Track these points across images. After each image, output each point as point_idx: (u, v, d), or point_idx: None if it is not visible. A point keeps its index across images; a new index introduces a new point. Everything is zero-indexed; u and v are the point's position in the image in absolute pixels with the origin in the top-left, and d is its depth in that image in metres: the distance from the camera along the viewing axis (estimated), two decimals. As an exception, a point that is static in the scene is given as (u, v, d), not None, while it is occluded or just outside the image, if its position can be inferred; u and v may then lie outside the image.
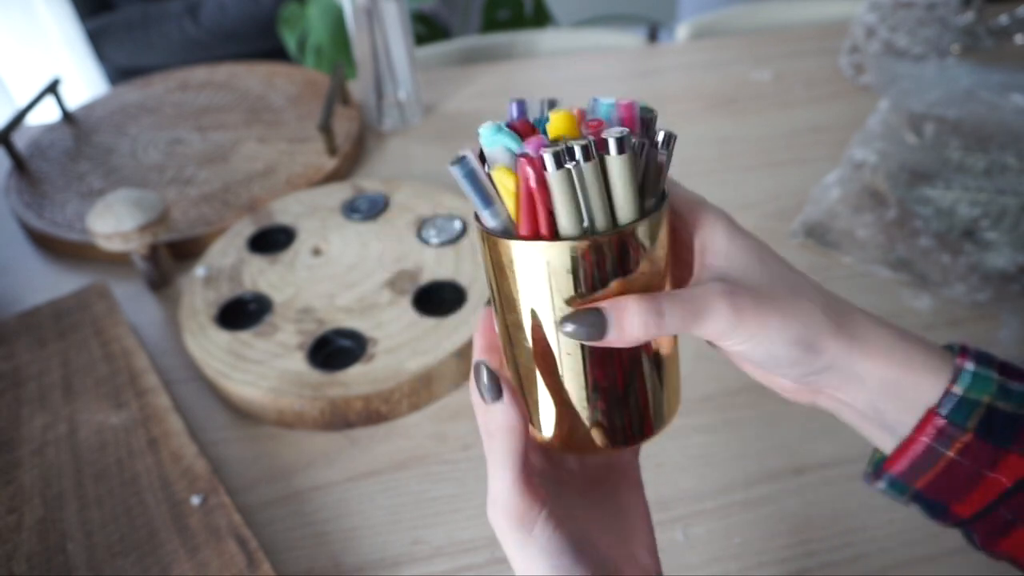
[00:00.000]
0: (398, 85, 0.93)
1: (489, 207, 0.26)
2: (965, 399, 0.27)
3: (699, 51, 1.12)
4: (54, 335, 0.64)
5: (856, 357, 0.28)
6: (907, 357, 0.28)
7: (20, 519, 0.50)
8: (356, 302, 0.63)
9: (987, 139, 0.69)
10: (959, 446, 0.27)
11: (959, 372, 0.27)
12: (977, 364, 0.27)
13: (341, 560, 0.49)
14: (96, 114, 0.97)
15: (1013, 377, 0.27)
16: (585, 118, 0.27)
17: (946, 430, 0.27)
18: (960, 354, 0.28)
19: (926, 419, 0.27)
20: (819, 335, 0.27)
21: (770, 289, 0.28)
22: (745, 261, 0.28)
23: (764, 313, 0.27)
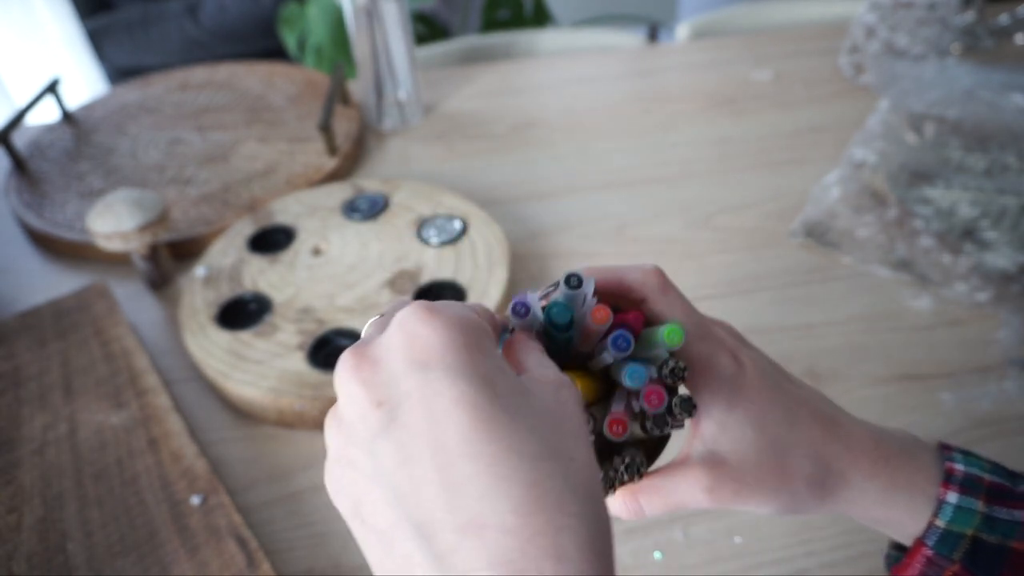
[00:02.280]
0: (398, 85, 0.93)
1: None
2: (949, 532, 0.28)
3: (699, 51, 1.12)
4: (54, 335, 0.64)
5: (843, 511, 0.30)
6: (891, 505, 0.29)
7: (20, 519, 0.50)
8: (356, 302, 0.63)
9: (987, 139, 0.69)
10: (949, 574, 0.28)
11: (941, 505, 0.28)
12: (962, 492, 0.28)
13: (341, 560, 0.49)
14: (96, 114, 0.97)
15: (1000, 502, 0.28)
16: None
17: (934, 560, 0.28)
18: (944, 482, 0.28)
19: (916, 548, 0.28)
20: (801, 505, 0.29)
21: (757, 466, 0.28)
22: (739, 434, 0.28)
23: (745, 498, 0.28)
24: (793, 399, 0.29)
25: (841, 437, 0.29)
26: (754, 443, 0.28)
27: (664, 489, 0.29)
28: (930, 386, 0.58)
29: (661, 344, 0.26)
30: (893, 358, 0.60)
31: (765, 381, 0.29)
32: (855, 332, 0.63)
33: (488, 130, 0.94)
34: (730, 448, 0.28)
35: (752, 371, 0.29)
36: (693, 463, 0.29)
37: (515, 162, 0.88)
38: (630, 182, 0.83)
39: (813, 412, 0.29)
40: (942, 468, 0.29)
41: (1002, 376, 0.58)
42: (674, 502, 0.29)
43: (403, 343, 0.22)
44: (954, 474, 0.28)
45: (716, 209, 0.77)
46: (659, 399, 0.26)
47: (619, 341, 0.26)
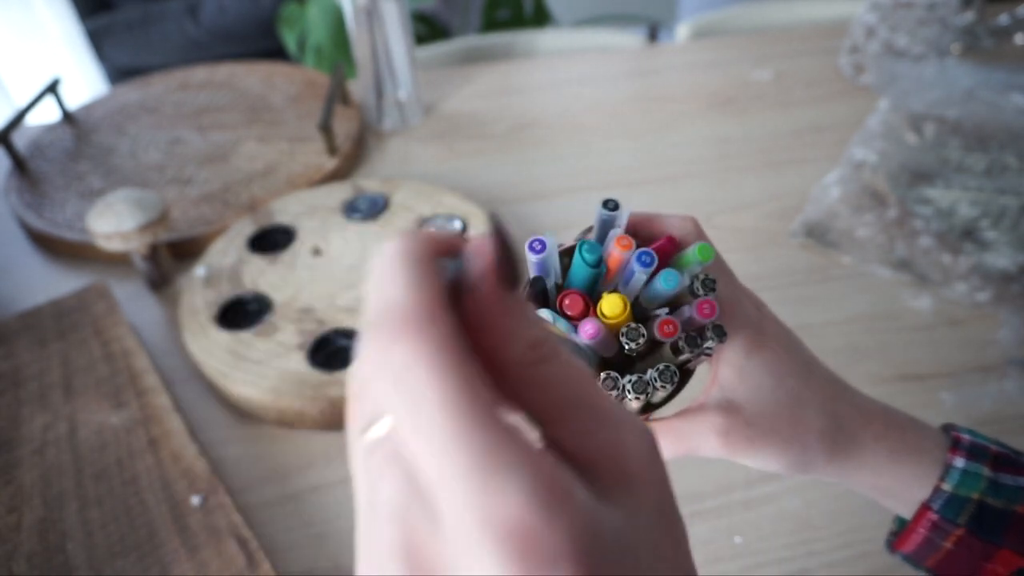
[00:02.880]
0: (398, 85, 0.93)
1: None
2: (955, 496, 0.28)
3: (699, 51, 1.12)
4: (54, 335, 0.64)
5: (846, 476, 0.30)
6: (898, 468, 0.29)
7: (20, 519, 0.50)
8: (356, 302, 0.63)
9: (987, 139, 0.69)
10: (954, 539, 0.28)
11: (948, 468, 0.28)
12: (968, 458, 0.28)
13: (341, 560, 0.49)
14: (96, 114, 0.97)
15: (1006, 468, 0.28)
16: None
17: (939, 524, 0.28)
18: (952, 448, 0.29)
19: (921, 513, 0.29)
20: (811, 462, 0.29)
21: (772, 417, 0.29)
22: (757, 382, 0.29)
23: (757, 447, 0.29)
24: (809, 359, 0.30)
25: (853, 400, 0.30)
26: (771, 392, 0.28)
27: (680, 431, 0.29)
28: (930, 386, 0.58)
29: (693, 262, 0.27)
30: (893, 358, 0.60)
31: (784, 336, 0.30)
32: (855, 332, 0.63)
33: (488, 130, 0.94)
34: (747, 396, 0.28)
35: (773, 324, 0.30)
36: (709, 408, 0.29)
37: (515, 162, 0.88)
38: (630, 182, 0.83)
39: (826, 374, 0.30)
40: (949, 438, 0.30)
41: (1002, 376, 0.58)
42: (688, 446, 0.29)
43: None
44: (961, 441, 0.29)
45: (716, 209, 0.77)
46: (711, 310, 0.26)
47: (643, 257, 0.26)
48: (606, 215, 0.27)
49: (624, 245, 0.27)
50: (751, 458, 0.29)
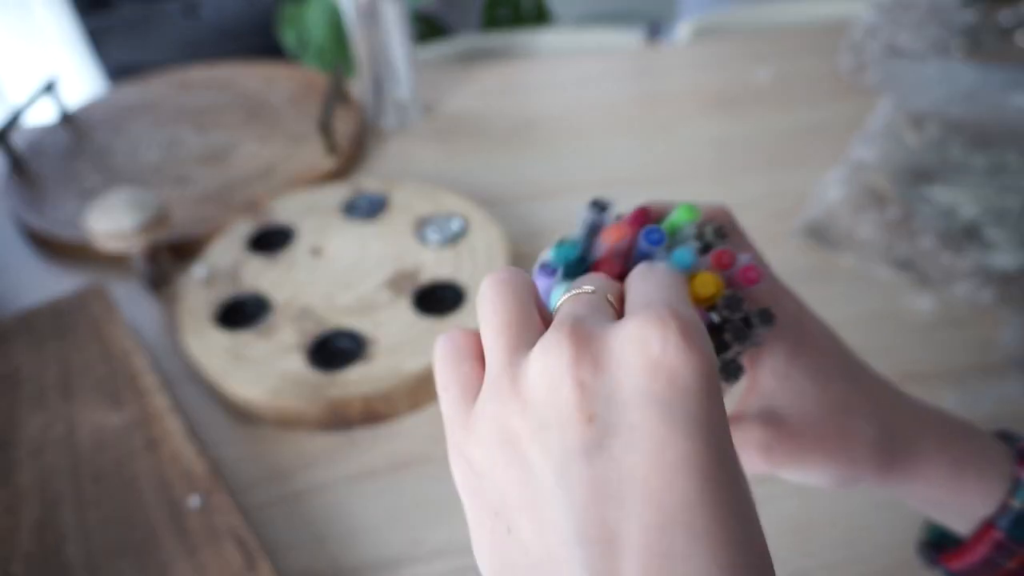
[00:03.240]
0: (398, 85, 0.92)
1: None
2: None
3: (699, 51, 1.12)
4: (52, 335, 0.64)
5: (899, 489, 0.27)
6: (959, 483, 0.27)
7: (18, 520, 0.50)
8: (356, 302, 0.63)
9: (989, 138, 0.69)
10: (1020, 560, 0.26)
11: (1018, 484, 0.26)
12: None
13: (341, 560, 0.49)
14: (95, 114, 0.97)
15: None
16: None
17: (1005, 543, 0.26)
18: (1020, 460, 0.26)
19: (984, 531, 0.26)
20: (861, 475, 0.27)
21: (818, 426, 0.26)
22: (800, 388, 0.26)
23: (803, 462, 0.26)
24: (855, 361, 0.27)
25: (908, 404, 0.27)
26: (816, 399, 0.26)
27: None
28: (931, 386, 0.58)
29: (684, 224, 0.25)
30: (894, 358, 0.60)
31: (827, 337, 0.27)
32: (855, 332, 0.62)
33: (488, 130, 0.93)
34: (790, 404, 0.26)
35: (814, 324, 0.27)
36: (748, 420, 0.26)
37: (515, 162, 0.87)
38: (630, 182, 0.83)
39: (875, 377, 0.27)
40: (1012, 447, 0.27)
41: (1004, 376, 0.58)
42: None
43: (644, 366, 0.18)
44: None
45: (716, 209, 0.77)
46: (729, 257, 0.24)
47: (651, 234, 0.24)
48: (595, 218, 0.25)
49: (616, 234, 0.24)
50: (795, 473, 0.27)
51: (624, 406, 0.18)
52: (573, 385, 0.18)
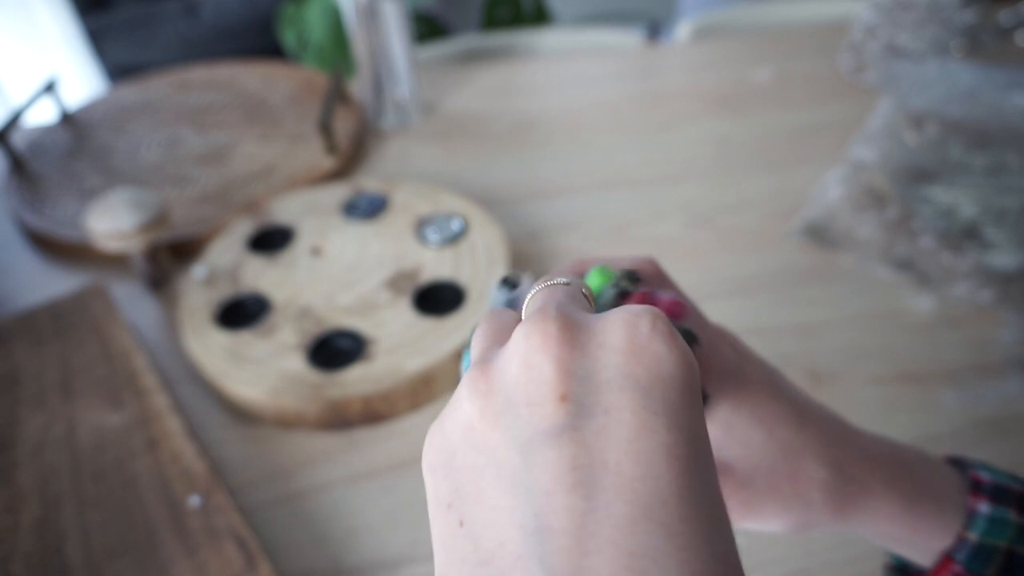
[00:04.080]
0: (398, 85, 0.92)
1: None
2: (982, 545, 0.25)
3: (699, 51, 1.12)
4: (52, 335, 0.64)
5: (857, 528, 0.27)
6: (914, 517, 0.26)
7: (17, 520, 0.50)
8: (356, 302, 0.63)
9: (989, 138, 0.69)
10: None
11: (973, 516, 0.26)
12: (993, 503, 0.26)
13: (341, 560, 0.49)
14: (95, 114, 0.97)
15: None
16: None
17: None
18: (973, 491, 0.26)
19: (943, 564, 0.26)
20: (816, 518, 0.26)
21: (768, 473, 0.26)
22: (746, 437, 0.26)
23: (756, 511, 0.26)
24: (800, 400, 0.27)
25: (854, 441, 0.27)
26: (763, 447, 0.26)
27: None
28: (931, 386, 0.58)
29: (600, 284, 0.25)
30: (893, 358, 0.60)
31: (768, 381, 0.27)
32: (855, 332, 0.63)
33: (488, 130, 0.94)
34: (737, 454, 0.26)
35: (754, 367, 0.27)
36: None
37: (515, 162, 0.87)
38: (630, 182, 0.83)
39: (821, 416, 0.27)
40: (965, 477, 0.27)
41: (1004, 376, 0.58)
42: None
43: (628, 349, 0.18)
44: (982, 483, 0.26)
45: (716, 209, 0.77)
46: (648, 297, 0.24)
47: None
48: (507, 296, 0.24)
49: None
50: (749, 522, 0.27)
51: (601, 387, 0.17)
52: (549, 360, 0.17)
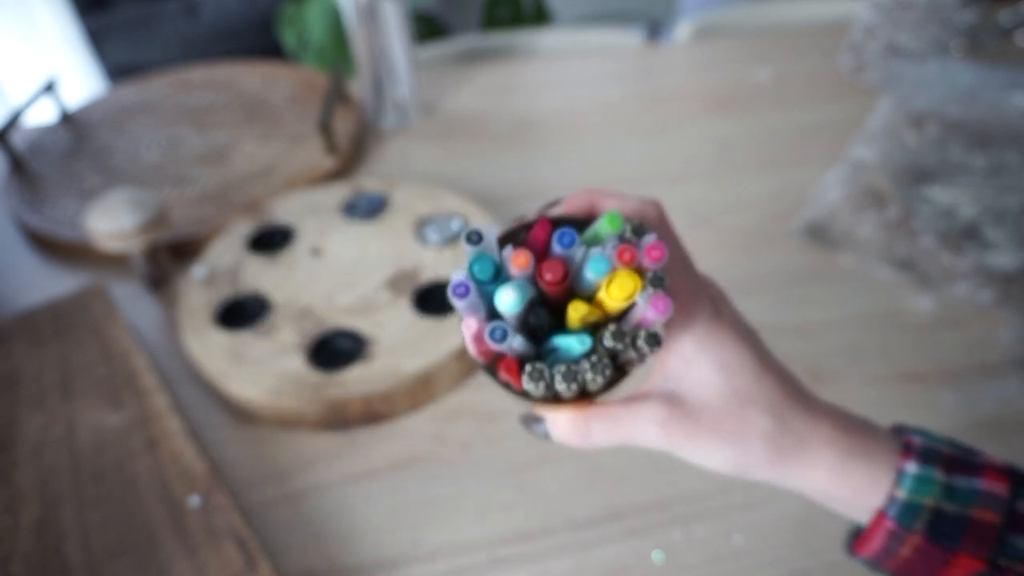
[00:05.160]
0: (398, 85, 0.92)
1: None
2: (909, 502, 0.27)
3: (699, 51, 1.12)
4: (52, 335, 0.64)
5: (792, 481, 0.29)
6: (848, 475, 0.28)
7: (17, 520, 0.50)
8: (356, 302, 0.63)
9: (989, 138, 0.69)
10: (911, 545, 0.28)
11: (901, 474, 0.28)
12: (921, 463, 0.28)
13: (341, 560, 0.49)
14: (95, 114, 0.97)
15: (960, 470, 0.28)
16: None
17: (895, 531, 0.28)
18: (903, 452, 0.28)
19: (877, 520, 0.28)
20: (753, 464, 0.28)
21: (716, 412, 0.28)
22: (704, 377, 0.28)
23: (696, 442, 0.28)
24: (763, 357, 0.29)
25: (803, 402, 0.29)
26: (717, 389, 0.28)
27: (617, 417, 0.28)
28: (931, 386, 0.58)
29: (605, 235, 0.25)
30: (893, 358, 0.60)
31: (739, 331, 0.29)
32: (855, 332, 0.63)
33: (488, 130, 0.93)
34: (692, 390, 0.28)
35: (729, 318, 0.29)
36: (652, 397, 0.28)
37: (515, 162, 0.87)
38: (630, 182, 0.83)
39: (779, 372, 0.29)
40: (900, 441, 0.29)
41: (1004, 376, 0.58)
42: (624, 433, 0.28)
43: None
44: (912, 445, 0.28)
45: (716, 209, 0.77)
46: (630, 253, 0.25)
47: (563, 238, 0.25)
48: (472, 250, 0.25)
49: (520, 263, 0.25)
50: (690, 452, 0.28)
51: None
52: None
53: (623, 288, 0.25)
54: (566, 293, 0.27)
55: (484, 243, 0.25)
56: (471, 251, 0.25)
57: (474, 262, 0.25)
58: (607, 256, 0.25)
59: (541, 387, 0.26)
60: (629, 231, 0.25)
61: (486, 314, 0.26)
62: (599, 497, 0.52)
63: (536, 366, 0.26)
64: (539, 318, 0.27)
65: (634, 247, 0.25)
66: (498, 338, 0.25)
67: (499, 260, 0.26)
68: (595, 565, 0.48)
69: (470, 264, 0.25)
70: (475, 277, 0.25)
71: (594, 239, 0.26)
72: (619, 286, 0.25)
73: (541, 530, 0.50)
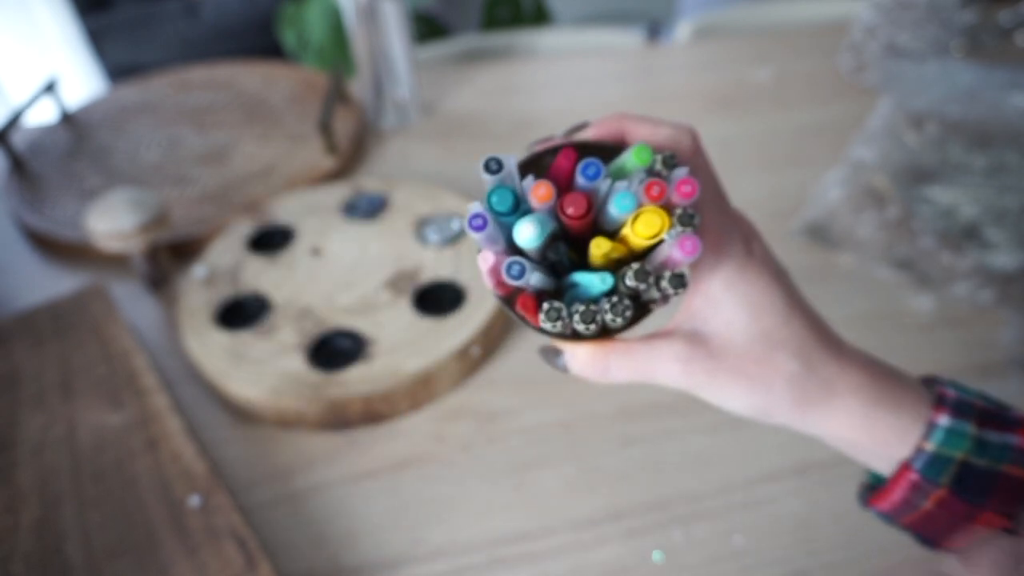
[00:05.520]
0: (398, 84, 0.92)
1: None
2: (938, 455, 0.26)
3: (699, 51, 1.12)
4: (52, 335, 0.64)
5: (814, 426, 0.28)
6: (873, 423, 0.27)
7: (17, 520, 0.50)
8: (356, 302, 0.63)
9: (988, 138, 0.69)
10: (935, 499, 0.27)
11: (932, 427, 0.27)
12: (954, 416, 0.27)
13: (341, 560, 0.49)
14: (95, 114, 0.97)
15: (992, 425, 0.27)
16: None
17: (920, 484, 0.27)
18: (936, 405, 0.27)
19: (901, 472, 0.27)
20: (775, 407, 0.27)
21: (741, 353, 0.27)
22: (730, 316, 0.27)
23: (719, 382, 0.27)
24: (793, 299, 0.28)
25: (833, 345, 0.28)
26: (744, 330, 0.27)
27: (638, 353, 0.27)
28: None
29: (633, 169, 0.24)
30: (893, 358, 0.60)
31: (770, 271, 0.27)
32: (855, 332, 0.62)
33: (488, 130, 0.94)
34: (718, 330, 0.27)
35: (760, 257, 0.28)
36: (675, 335, 0.27)
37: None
38: (630, 182, 0.83)
39: (809, 315, 0.28)
40: (932, 392, 0.28)
41: (1003, 376, 0.58)
42: (644, 370, 0.27)
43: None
44: (946, 397, 0.27)
45: (716, 209, 0.77)
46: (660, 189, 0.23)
47: (588, 169, 0.24)
48: (491, 179, 0.24)
49: (542, 195, 0.23)
50: (711, 393, 0.27)
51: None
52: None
53: (650, 226, 0.23)
54: (590, 227, 0.25)
55: (504, 172, 0.24)
56: (490, 181, 0.24)
57: (492, 192, 0.24)
58: (634, 192, 0.24)
59: (559, 326, 0.25)
60: (659, 164, 0.24)
61: (505, 245, 0.25)
62: (599, 497, 0.52)
63: (554, 305, 0.24)
64: (559, 253, 0.26)
65: (664, 182, 0.23)
66: (515, 275, 0.24)
67: (519, 191, 0.24)
68: (595, 565, 0.48)
69: (488, 195, 0.24)
70: (493, 208, 0.24)
71: (621, 171, 0.25)
72: (646, 224, 0.23)
73: (541, 530, 0.50)
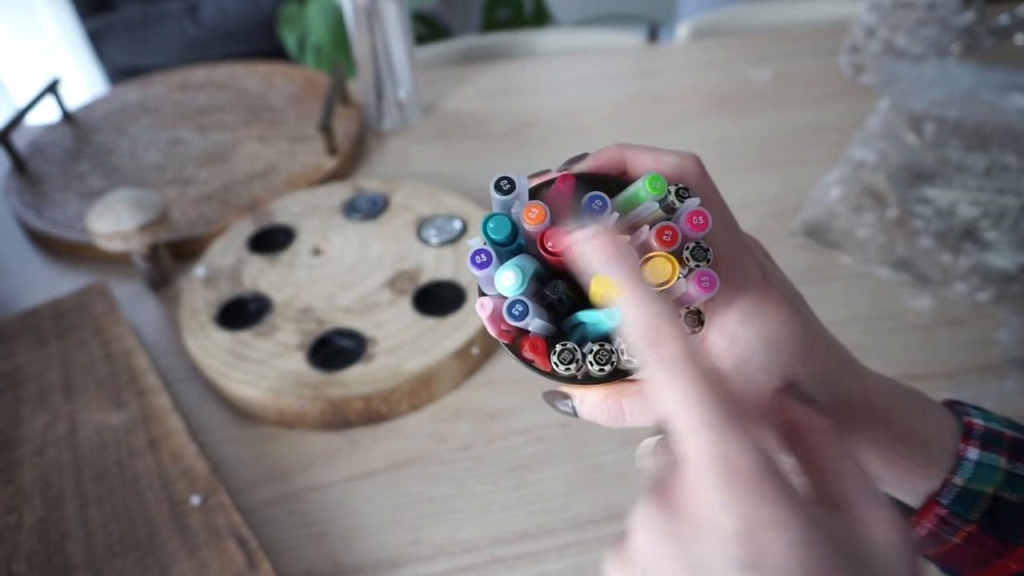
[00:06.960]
0: (398, 85, 0.93)
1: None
2: (967, 490, 0.25)
3: (699, 51, 1.12)
4: (54, 335, 0.64)
5: None
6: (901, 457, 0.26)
7: (20, 519, 0.50)
8: (356, 302, 0.63)
9: (987, 139, 0.69)
10: (964, 535, 0.26)
11: (961, 461, 0.25)
12: (983, 448, 0.25)
13: (341, 560, 0.49)
14: (96, 114, 0.97)
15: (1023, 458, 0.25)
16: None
17: (949, 519, 0.26)
18: (964, 436, 0.26)
19: (928, 507, 0.26)
20: None
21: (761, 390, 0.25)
22: (749, 353, 0.25)
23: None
24: (812, 328, 0.26)
25: (857, 376, 0.27)
26: (763, 366, 0.25)
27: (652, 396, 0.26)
28: (930, 386, 0.57)
29: (646, 199, 0.23)
30: (893, 358, 0.60)
31: (787, 300, 0.26)
32: (855, 332, 0.63)
33: (488, 130, 0.94)
34: (736, 367, 0.25)
35: (777, 286, 0.26)
36: None
37: (515, 162, 0.87)
38: (630, 182, 0.83)
39: (830, 346, 0.27)
40: (959, 422, 0.27)
41: (1002, 376, 0.58)
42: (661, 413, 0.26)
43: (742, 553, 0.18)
44: (974, 428, 0.26)
45: (716, 209, 0.77)
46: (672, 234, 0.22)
47: (593, 202, 0.23)
48: (501, 200, 0.23)
49: (534, 218, 0.22)
50: None
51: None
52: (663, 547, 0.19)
53: (659, 275, 0.22)
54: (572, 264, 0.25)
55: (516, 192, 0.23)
56: (499, 201, 0.23)
57: (488, 220, 0.23)
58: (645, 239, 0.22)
59: (572, 368, 0.24)
60: (673, 195, 0.23)
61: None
62: (599, 497, 0.52)
63: (567, 346, 0.24)
64: (557, 291, 0.24)
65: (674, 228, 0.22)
66: (518, 315, 0.23)
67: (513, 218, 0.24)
68: (595, 565, 0.48)
69: (484, 224, 0.23)
70: (489, 236, 0.23)
71: (630, 203, 0.24)
72: (655, 272, 0.22)
73: (541, 530, 0.50)
